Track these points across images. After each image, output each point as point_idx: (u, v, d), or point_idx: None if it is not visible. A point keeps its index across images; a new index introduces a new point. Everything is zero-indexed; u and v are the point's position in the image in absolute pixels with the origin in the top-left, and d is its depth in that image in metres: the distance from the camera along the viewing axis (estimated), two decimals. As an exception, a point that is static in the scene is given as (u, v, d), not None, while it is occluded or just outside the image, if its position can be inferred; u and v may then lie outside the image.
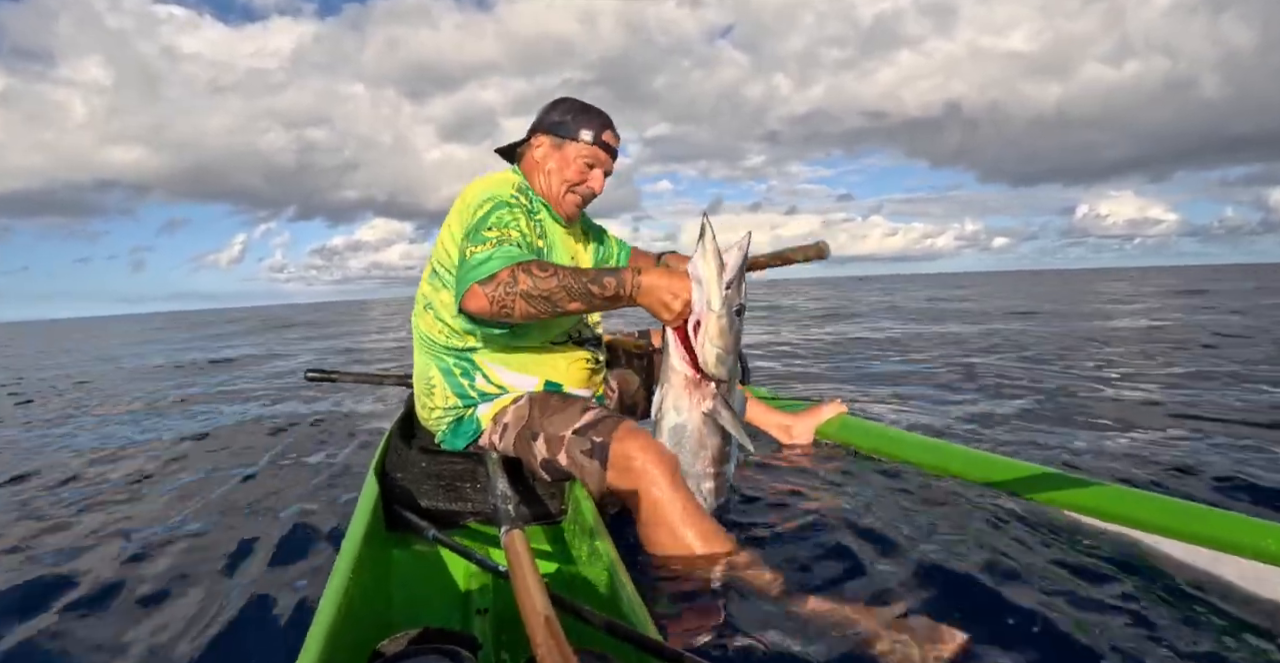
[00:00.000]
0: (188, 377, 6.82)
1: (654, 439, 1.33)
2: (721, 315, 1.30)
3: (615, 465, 1.28)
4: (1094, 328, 7.50)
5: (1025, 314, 10.10)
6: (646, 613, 0.92)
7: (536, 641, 0.70)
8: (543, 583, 0.82)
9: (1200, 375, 3.90)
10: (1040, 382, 3.86)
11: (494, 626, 1.07)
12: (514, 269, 1.24)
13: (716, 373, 1.34)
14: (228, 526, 1.92)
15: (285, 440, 3.19)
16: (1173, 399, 3.18)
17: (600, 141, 1.54)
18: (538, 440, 1.43)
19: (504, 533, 0.99)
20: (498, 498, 1.21)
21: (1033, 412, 3.02)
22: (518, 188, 1.48)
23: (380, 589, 1.18)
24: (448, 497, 1.48)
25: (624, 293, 1.26)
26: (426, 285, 1.56)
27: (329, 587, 0.95)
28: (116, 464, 2.88)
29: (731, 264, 1.29)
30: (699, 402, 1.38)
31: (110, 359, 9.56)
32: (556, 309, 1.26)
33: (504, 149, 1.68)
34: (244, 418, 3.92)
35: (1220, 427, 2.59)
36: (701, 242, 1.28)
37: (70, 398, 5.49)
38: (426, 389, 1.59)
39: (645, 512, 1.23)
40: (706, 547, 1.17)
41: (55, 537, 1.90)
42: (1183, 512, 1.28)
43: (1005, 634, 1.04)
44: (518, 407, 1.51)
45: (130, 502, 2.25)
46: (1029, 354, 5.25)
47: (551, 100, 1.61)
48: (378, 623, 1.06)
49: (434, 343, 1.56)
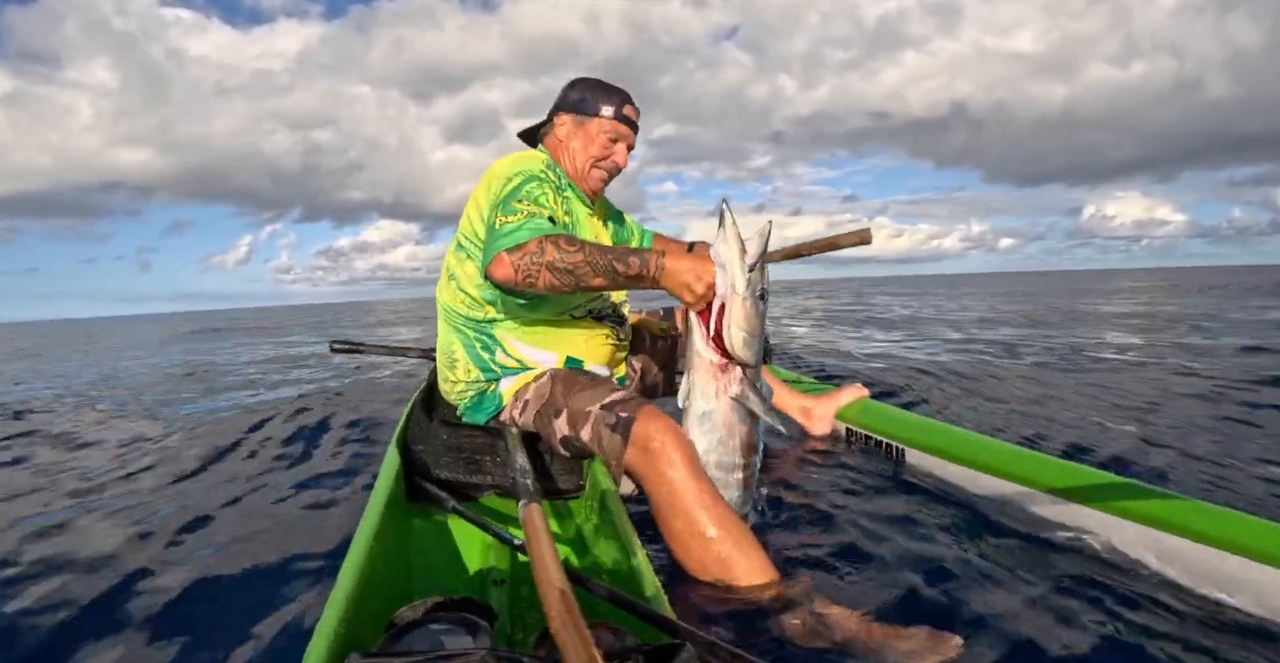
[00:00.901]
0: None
1: (674, 423, 1.33)
2: (746, 298, 1.29)
3: (635, 443, 1.29)
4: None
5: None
6: (661, 590, 0.93)
7: (551, 612, 0.71)
8: (558, 556, 0.83)
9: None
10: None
11: (510, 597, 1.09)
12: (542, 241, 1.26)
13: (743, 356, 1.33)
14: (253, 496, 1.96)
15: (309, 415, 3.26)
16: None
17: (621, 116, 1.56)
18: (560, 416, 1.44)
19: (522, 506, 1.00)
20: (516, 472, 1.22)
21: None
22: (546, 164, 1.49)
23: (400, 558, 1.20)
24: (467, 469, 1.50)
25: (647, 274, 1.27)
26: (452, 257, 1.57)
27: (350, 555, 0.96)
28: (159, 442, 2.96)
29: (754, 249, 1.29)
30: (726, 387, 1.37)
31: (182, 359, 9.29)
32: (580, 284, 1.27)
33: (526, 132, 1.70)
34: (278, 395, 4.01)
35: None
36: (722, 227, 1.29)
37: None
38: (449, 362, 1.60)
39: (661, 494, 1.23)
40: (719, 531, 1.17)
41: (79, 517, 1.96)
42: (1233, 523, 1.21)
43: (1016, 636, 1.04)
44: (539, 383, 1.52)
45: (166, 475, 2.32)
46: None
47: (570, 81, 1.62)
48: (397, 591, 1.08)
49: (456, 315, 1.57)
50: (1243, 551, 1.13)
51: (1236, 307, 9.09)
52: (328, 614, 0.80)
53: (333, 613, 0.81)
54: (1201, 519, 1.22)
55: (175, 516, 1.78)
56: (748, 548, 1.17)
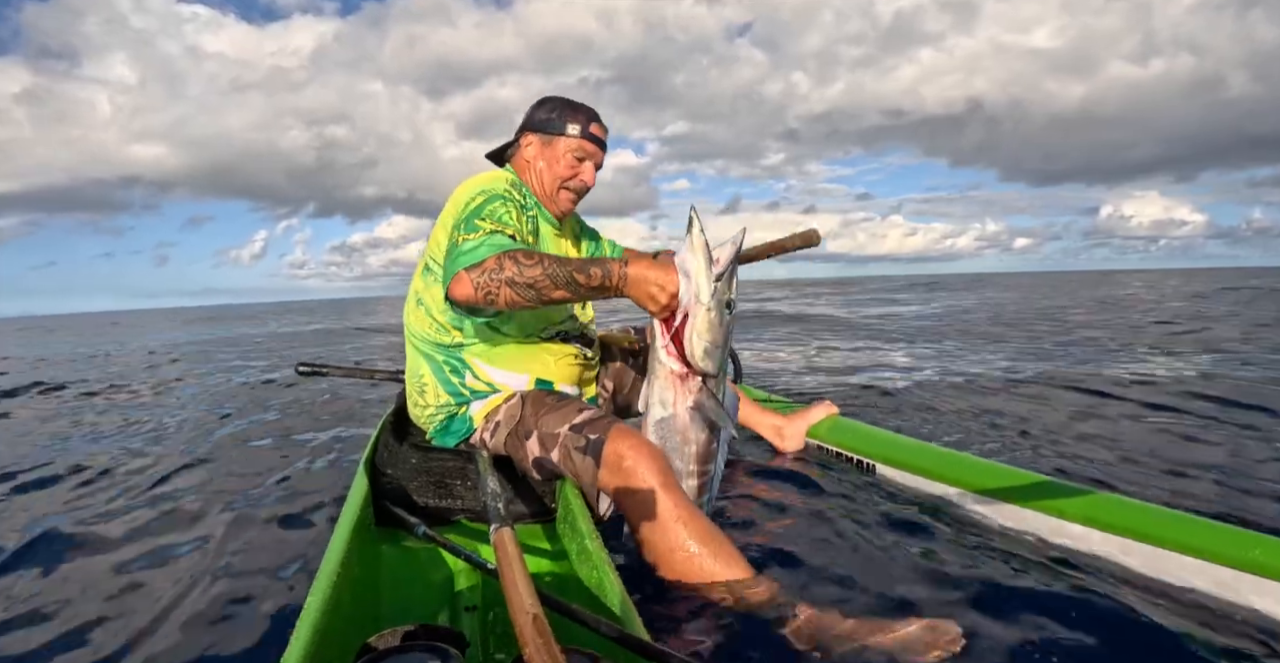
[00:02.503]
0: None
1: (646, 440, 1.33)
2: (710, 308, 1.28)
3: (608, 464, 1.28)
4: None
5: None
6: (635, 613, 0.92)
7: (524, 639, 0.70)
8: (531, 581, 0.82)
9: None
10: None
11: (482, 623, 1.07)
12: (500, 257, 1.25)
13: (704, 367, 1.33)
14: (213, 520, 1.91)
15: (275, 432, 3.18)
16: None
17: (588, 134, 1.57)
18: (531, 438, 1.43)
19: (493, 531, 0.99)
20: (488, 496, 1.21)
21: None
22: (511, 184, 1.50)
23: (369, 585, 1.18)
24: (438, 494, 1.47)
25: (610, 283, 1.26)
26: (419, 281, 1.56)
27: (317, 582, 0.94)
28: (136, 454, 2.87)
29: (724, 258, 1.28)
30: (685, 396, 1.37)
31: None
32: (542, 297, 1.26)
33: (494, 153, 1.70)
34: (235, 407, 3.90)
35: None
36: (690, 235, 1.28)
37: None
38: (418, 387, 1.58)
39: (636, 511, 1.23)
40: (698, 547, 1.17)
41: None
42: (1183, 524, 1.29)
43: (997, 635, 1.05)
44: (510, 405, 1.51)
45: (113, 490, 2.24)
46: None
47: (537, 100, 1.63)
48: (366, 619, 1.06)
49: (424, 339, 1.56)
50: (1194, 552, 1.22)
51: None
52: (294, 646, 0.78)
53: (298, 644, 0.79)
54: (1161, 525, 1.29)
55: (120, 531, 1.72)
56: (730, 560, 1.17)
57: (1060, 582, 1.26)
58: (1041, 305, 12.61)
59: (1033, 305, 12.69)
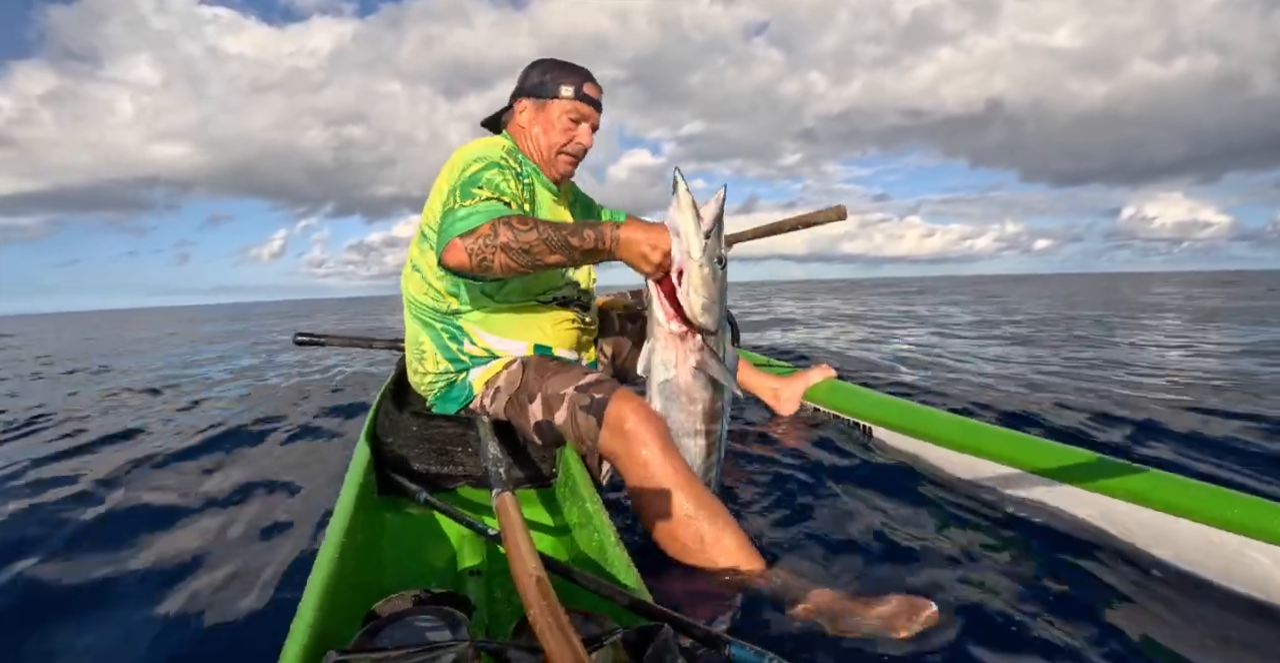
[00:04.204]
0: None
1: (647, 405, 1.34)
2: (703, 263, 1.28)
3: (609, 425, 1.29)
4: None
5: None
6: (637, 574, 0.94)
7: (529, 601, 0.71)
8: (533, 545, 0.83)
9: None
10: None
11: (486, 587, 1.09)
12: (495, 222, 1.24)
13: (703, 322, 1.33)
14: (218, 492, 1.92)
15: (272, 404, 3.19)
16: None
17: (582, 95, 1.54)
18: (534, 402, 1.43)
19: (495, 496, 1.00)
20: (489, 461, 1.22)
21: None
22: (507, 151, 1.47)
23: (374, 553, 1.19)
24: (439, 461, 1.48)
25: (603, 246, 1.26)
26: (415, 248, 1.55)
27: (322, 551, 0.95)
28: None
29: (709, 215, 1.28)
30: (686, 355, 1.37)
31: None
32: (537, 262, 1.25)
33: (489, 120, 1.67)
34: (237, 383, 3.92)
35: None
36: (676, 193, 1.27)
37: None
38: (417, 354, 1.58)
39: (636, 474, 1.24)
40: (695, 510, 1.19)
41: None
42: (1176, 487, 1.28)
43: (979, 606, 1.08)
44: (510, 371, 1.51)
45: (118, 468, 2.26)
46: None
47: (529, 64, 1.59)
48: (371, 586, 1.07)
49: (422, 306, 1.55)
50: (1188, 514, 1.21)
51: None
52: (302, 611, 0.80)
53: (307, 610, 0.80)
54: (1153, 487, 1.29)
55: (133, 512, 1.74)
56: (724, 526, 1.18)
57: (1055, 550, 1.28)
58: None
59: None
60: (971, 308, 10.84)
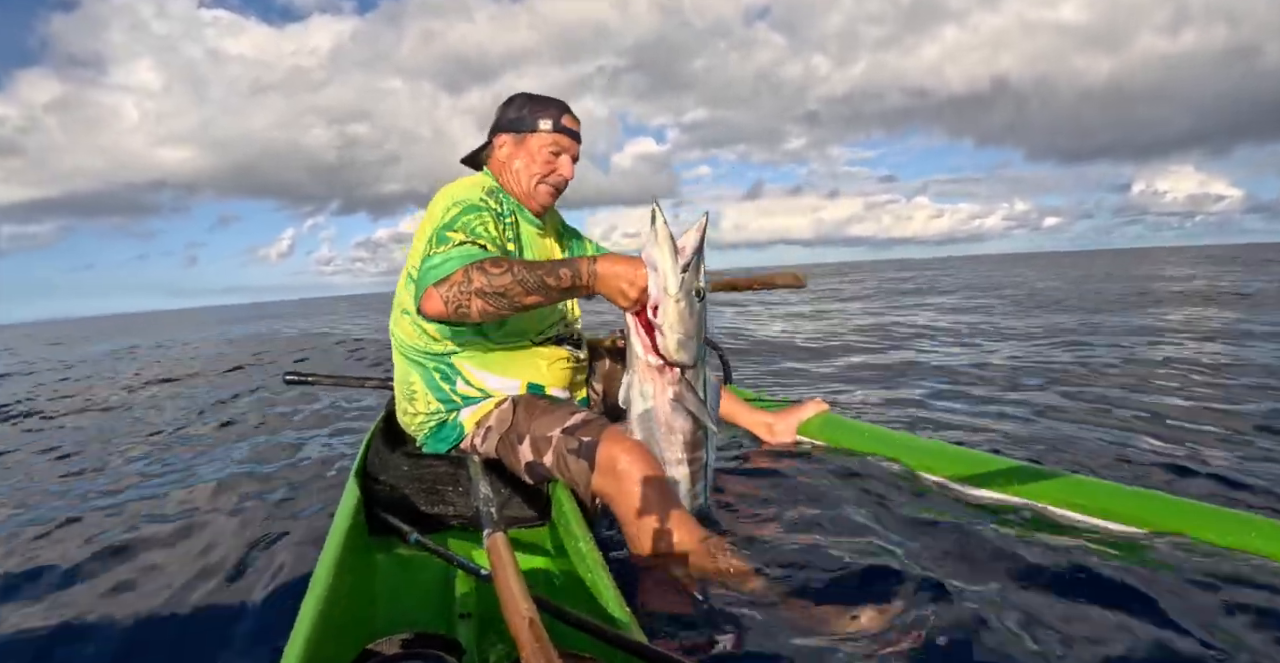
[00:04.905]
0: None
1: (637, 442, 1.33)
2: (679, 299, 1.28)
3: (601, 467, 1.29)
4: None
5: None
6: (631, 615, 0.92)
7: (521, 643, 0.70)
8: (526, 586, 0.82)
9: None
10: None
11: (478, 629, 1.07)
12: (468, 269, 1.24)
13: (679, 358, 1.33)
14: (206, 529, 1.89)
15: (262, 441, 3.16)
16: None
17: (560, 128, 1.54)
18: (523, 443, 1.42)
19: (486, 536, 0.99)
20: (480, 501, 1.21)
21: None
22: (487, 191, 1.48)
23: (363, 593, 1.17)
24: (430, 500, 1.47)
25: (580, 283, 1.26)
26: (403, 292, 1.55)
27: (310, 591, 0.94)
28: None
29: (689, 248, 1.28)
30: (665, 387, 1.38)
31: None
32: (515, 305, 1.25)
33: (469, 158, 1.68)
34: (219, 413, 3.87)
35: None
36: (653, 228, 1.27)
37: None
38: (408, 394, 1.58)
39: (629, 513, 1.24)
40: (690, 547, 1.18)
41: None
42: (1180, 509, 1.32)
43: (976, 630, 1.07)
44: (501, 410, 1.50)
45: (101, 499, 2.22)
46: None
47: (505, 100, 1.61)
48: (360, 628, 1.05)
49: (413, 348, 1.55)
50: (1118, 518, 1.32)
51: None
52: (288, 655, 0.78)
53: (293, 653, 0.78)
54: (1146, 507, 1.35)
55: (111, 542, 1.71)
56: (718, 556, 1.17)
57: (1052, 569, 1.26)
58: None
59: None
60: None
